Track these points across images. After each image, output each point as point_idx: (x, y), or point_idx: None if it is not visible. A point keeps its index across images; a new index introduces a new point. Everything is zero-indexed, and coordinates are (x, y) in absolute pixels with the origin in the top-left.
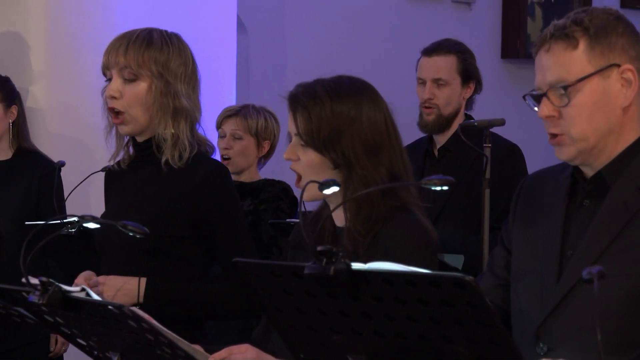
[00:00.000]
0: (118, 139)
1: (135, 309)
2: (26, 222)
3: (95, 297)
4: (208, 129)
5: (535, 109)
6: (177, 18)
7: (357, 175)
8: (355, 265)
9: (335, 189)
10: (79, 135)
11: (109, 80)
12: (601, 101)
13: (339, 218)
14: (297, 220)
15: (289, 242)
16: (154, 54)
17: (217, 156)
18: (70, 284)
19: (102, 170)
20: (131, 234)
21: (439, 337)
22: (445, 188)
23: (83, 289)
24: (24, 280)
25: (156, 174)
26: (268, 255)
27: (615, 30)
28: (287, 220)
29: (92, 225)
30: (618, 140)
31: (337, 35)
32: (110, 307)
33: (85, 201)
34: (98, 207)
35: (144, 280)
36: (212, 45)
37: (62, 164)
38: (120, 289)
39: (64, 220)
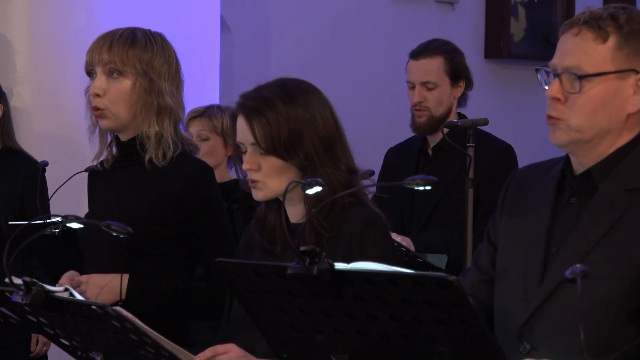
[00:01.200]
0: (101, 138)
1: (120, 309)
2: (9, 222)
3: (79, 297)
4: None
5: (545, 87)
6: (161, 18)
7: (320, 174)
8: (338, 265)
9: (318, 188)
10: (64, 135)
11: (93, 79)
12: (610, 101)
13: (292, 214)
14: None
15: (240, 247)
16: (138, 52)
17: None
18: (54, 284)
19: (85, 170)
20: (115, 233)
21: (422, 336)
22: (428, 188)
23: (66, 289)
24: (7, 280)
25: (140, 173)
26: None
27: None
28: None
29: (75, 225)
30: (613, 142)
31: (320, 34)
32: (93, 307)
33: (69, 201)
34: (82, 207)
35: (126, 277)
36: (195, 44)
37: (45, 163)
38: (104, 288)
39: (48, 220)
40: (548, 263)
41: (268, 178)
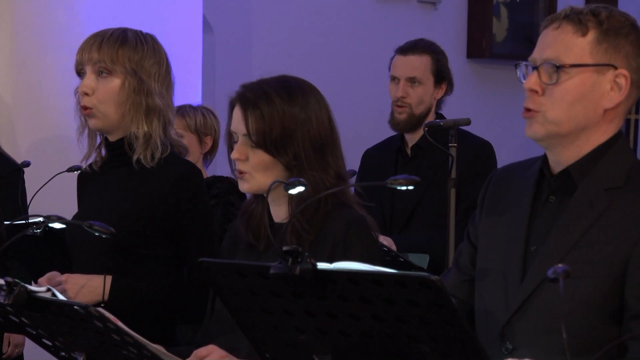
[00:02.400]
0: (90, 140)
1: (102, 311)
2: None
3: (61, 297)
4: None
5: (523, 81)
6: (143, 18)
7: (306, 177)
8: (321, 265)
9: (301, 188)
10: (46, 136)
11: (83, 78)
12: (587, 95)
13: (277, 214)
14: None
15: (222, 251)
16: (128, 51)
17: None
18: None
19: (68, 170)
20: (97, 234)
21: (404, 336)
22: (410, 188)
23: (49, 289)
24: None
25: (128, 174)
26: None
27: (627, 36)
28: None
29: (57, 225)
30: (589, 139)
31: (303, 34)
32: (76, 307)
33: (51, 202)
34: (65, 207)
35: (109, 277)
36: (177, 44)
37: (27, 164)
38: (84, 287)
39: (30, 221)
40: (528, 262)
41: (254, 171)
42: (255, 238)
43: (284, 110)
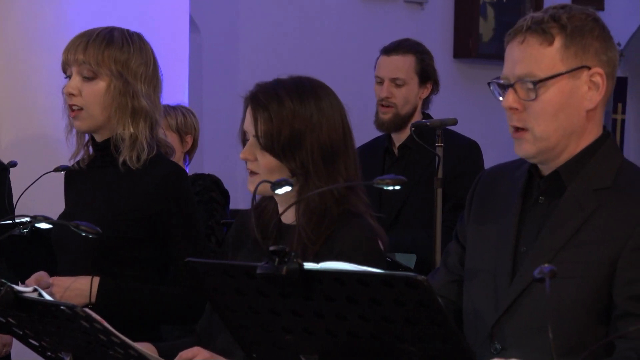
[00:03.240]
0: (78, 138)
1: (89, 311)
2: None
3: (48, 297)
4: None
5: (500, 98)
6: (130, 17)
7: (314, 185)
8: (308, 265)
9: (287, 188)
10: (33, 135)
11: (69, 78)
12: (567, 102)
13: (286, 215)
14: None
15: (227, 242)
16: (114, 52)
17: None
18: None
19: (55, 170)
20: (83, 234)
21: (391, 336)
22: (397, 188)
23: (35, 290)
24: None
25: (114, 175)
26: None
27: (591, 32)
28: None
29: (44, 225)
30: (578, 142)
31: (290, 34)
32: (62, 307)
33: (38, 202)
34: (52, 207)
35: (96, 279)
36: (164, 44)
37: (13, 164)
38: (70, 289)
39: (16, 221)
40: (517, 263)
41: (263, 172)
42: (263, 236)
43: (294, 114)
